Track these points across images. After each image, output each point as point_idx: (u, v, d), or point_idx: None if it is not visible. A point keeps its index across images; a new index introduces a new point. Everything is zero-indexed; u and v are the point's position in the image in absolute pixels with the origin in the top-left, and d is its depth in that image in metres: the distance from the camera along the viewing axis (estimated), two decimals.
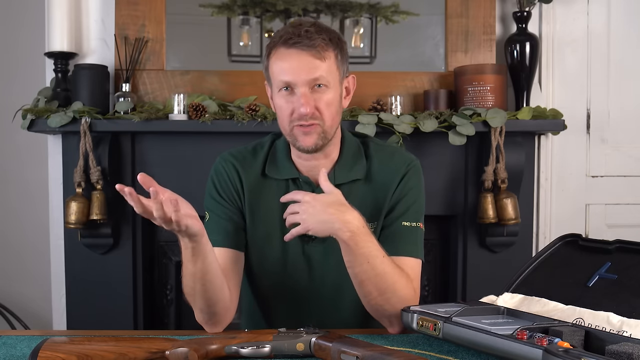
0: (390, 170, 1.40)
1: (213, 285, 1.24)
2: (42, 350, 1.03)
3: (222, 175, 1.41)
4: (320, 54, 1.28)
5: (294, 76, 1.28)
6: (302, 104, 1.27)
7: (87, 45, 2.36)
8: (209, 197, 1.42)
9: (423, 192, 1.42)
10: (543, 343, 0.95)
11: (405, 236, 1.36)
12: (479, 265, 2.33)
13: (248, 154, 1.44)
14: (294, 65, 1.27)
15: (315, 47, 1.27)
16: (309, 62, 1.27)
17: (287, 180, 1.40)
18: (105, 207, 2.17)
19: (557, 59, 2.46)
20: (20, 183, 2.88)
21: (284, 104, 1.31)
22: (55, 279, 2.40)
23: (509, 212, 2.20)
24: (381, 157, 1.42)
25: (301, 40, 1.26)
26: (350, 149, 1.41)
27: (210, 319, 1.29)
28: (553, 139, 2.44)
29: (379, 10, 2.39)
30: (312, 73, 1.27)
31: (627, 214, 2.50)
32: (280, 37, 1.29)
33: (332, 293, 1.42)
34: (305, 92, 1.28)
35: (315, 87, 1.29)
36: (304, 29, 1.27)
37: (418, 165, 1.43)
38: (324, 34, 1.29)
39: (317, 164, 1.37)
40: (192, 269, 1.20)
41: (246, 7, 2.37)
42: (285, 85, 1.29)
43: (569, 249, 1.34)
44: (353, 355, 1.02)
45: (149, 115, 2.16)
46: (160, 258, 2.42)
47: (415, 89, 2.34)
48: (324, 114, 1.30)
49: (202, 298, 1.24)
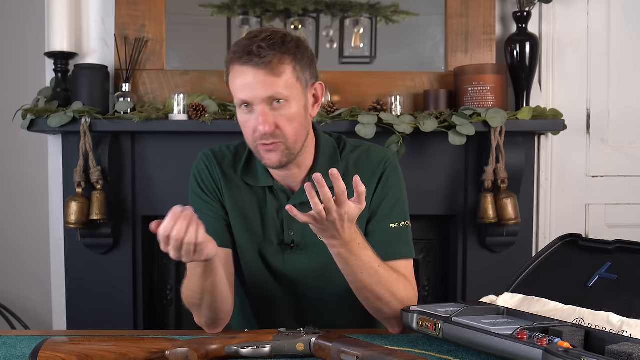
0: (368, 171, 1.37)
1: (222, 295, 1.24)
2: (42, 350, 1.03)
3: (204, 172, 1.40)
4: (274, 70, 1.22)
5: (250, 94, 1.24)
6: (261, 122, 1.23)
7: (87, 45, 2.36)
8: (193, 195, 1.40)
9: (404, 188, 1.40)
10: (543, 343, 0.95)
11: (395, 239, 1.34)
12: (479, 265, 2.33)
13: (229, 153, 1.41)
14: (249, 83, 1.23)
15: (267, 64, 1.21)
16: (263, 79, 1.22)
17: (264, 187, 1.38)
18: (105, 207, 2.17)
19: (557, 59, 2.46)
20: (21, 183, 2.88)
21: (245, 122, 1.28)
22: (55, 279, 2.40)
23: (509, 212, 2.20)
24: (356, 158, 1.39)
25: (252, 59, 1.21)
26: (325, 153, 1.38)
27: (213, 323, 1.29)
28: (553, 139, 2.44)
29: (379, 10, 2.39)
30: (267, 90, 1.23)
31: (627, 214, 2.49)
32: (234, 53, 1.25)
33: (314, 297, 1.40)
34: (264, 111, 1.23)
35: (273, 103, 1.24)
36: (255, 45, 1.22)
37: (395, 161, 1.40)
38: (277, 47, 1.23)
39: (290, 173, 1.35)
40: (202, 283, 1.19)
41: (246, 7, 2.37)
42: (243, 103, 1.26)
43: (569, 249, 1.34)
44: (353, 355, 1.02)
45: (149, 115, 2.16)
46: (160, 258, 2.42)
47: (415, 89, 2.34)
48: (285, 130, 1.26)
49: (209, 308, 1.24)
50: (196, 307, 1.26)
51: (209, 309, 1.25)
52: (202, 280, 1.19)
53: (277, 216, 1.37)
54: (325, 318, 1.38)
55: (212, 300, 1.23)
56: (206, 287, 1.20)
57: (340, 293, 1.35)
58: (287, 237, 1.37)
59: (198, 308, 1.26)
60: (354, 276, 1.22)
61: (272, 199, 1.38)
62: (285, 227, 1.37)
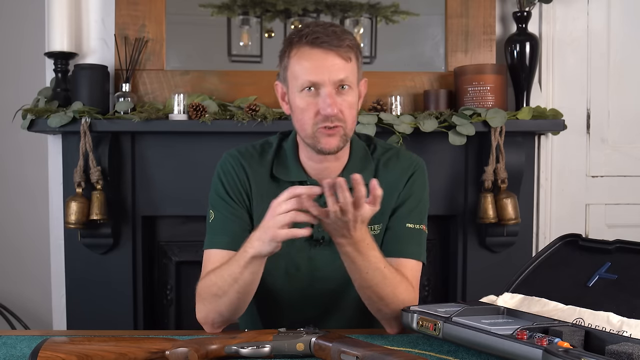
0: (397, 172, 1.39)
1: (247, 297, 1.25)
2: (42, 350, 1.03)
3: (229, 173, 1.38)
4: (347, 54, 1.26)
5: (321, 76, 1.25)
6: (329, 104, 1.24)
7: (87, 45, 2.36)
8: (215, 196, 1.39)
9: (427, 194, 1.42)
10: (543, 343, 0.95)
11: (409, 238, 1.35)
12: (479, 265, 2.33)
13: (256, 152, 1.41)
14: (321, 64, 1.24)
15: (342, 47, 1.25)
16: (336, 62, 1.25)
17: (294, 182, 1.37)
18: (105, 207, 2.17)
19: (557, 59, 2.46)
20: (20, 183, 2.88)
21: (306, 105, 1.27)
22: (55, 279, 2.40)
23: (509, 212, 2.20)
24: (387, 159, 1.41)
25: (329, 40, 1.24)
26: (358, 152, 1.40)
27: (222, 322, 1.29)
28: (553, 139, 2.44)
29: (379, 10, 2.39)
30: (339, 74, 1.25)
31: (627, 214, 2.50)
32: (305, 35, 1.25)
33: (335, 295, 1.41)
34: (332, 93, 1.25)
35: (339, 88, 1.26)
36: (330, 29, 1.25)
37: (424, 166, 1.43)
38: (348, 35, 1.27)
39: (327, 166, 1.36)
40: (237, 274, 1.20)
41: (246, 7, 2.37)
42: (310, 85, 1.26)
43: (569, 249, 1.34)
44: (353, 355, 1.02)
45: (149, 115, 2.16)
46: (160, 258, 2.42)
47: (415, 89, 2.34)
48: (346, 115, 1.28)
49: (228, 304, 1.24)
50: (215, 299, 1.25)
51: (227, 306, 1.24)
52: (239, 271, 1.19)
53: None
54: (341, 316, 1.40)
55: (237, 297, 1.23)
56: (239, 280, 1.20)
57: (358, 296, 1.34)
58: (316, 233, 1.36)
59: (217, 299, 1.24)
60: (359, 275, 1.22)
61: None
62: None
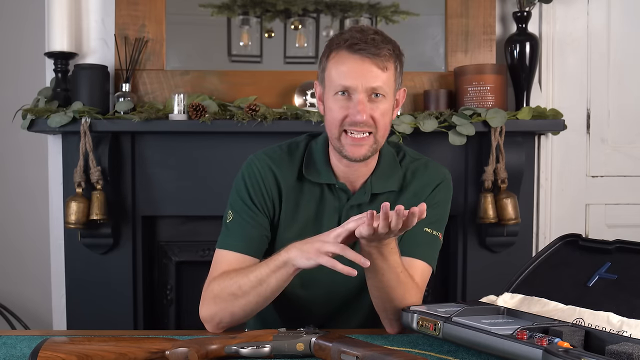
0: (423, 182, 1.40)
1: (266, 302, 1.25)
2: (42, 350, 1.03)
3: (255, 177, 1.37)
4: (383, 63, 1.26)
5: (354, 81, 1.26)
6: (359, 110, 1.26)
7: (87, 45, 2.36)
8: (237, 198, 1.37)
9: (449, 206, 1.43)
10: (543, 343, 0.95)
11: (424, 240, 1.36)
12: (479, 265, 2.33)
13: (284, 154, 1.40)
14: (356, 70, 1.26)
15: (379, 56, 1.26)
16: (371, 69, 1.26)
17: (323, 185, 1.37)
18: (105, 207, 2.17)
19: (557, 59, 2.46)
20: (20, 183, 2.88)
21: (337, 108, 1.29)
22: (55, 279, 2.40)
23: (509, 212, 2.20)
24: (415, 169, 1.42)
25: (367, 48, 1.25)
26: (387, 159, 1.40)
27: (229, 324, 1.29)
28: (553, 139, 2.44)
29: (379, 10, 2.39)
30: (373, 81, 1.26)
31: (627, 214, 2.49)
32: (345, 40, 1.26)
33: (352, 299, 1.42)
34: (363, 99, 1.27)
35: (372, 95, 1.27)
36: (370, 36, 1.26)
37: (449, 179, 1.44)
38: (390, 44, 1.28)
39: (355, 170, 1.36)
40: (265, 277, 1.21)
41: (246, 7, 2.37)
42: (343, 89, 1.27)
43: (569, 249, 1.34)
44: (353, 355, 1.02)
45: (149, 115, 2.16)
46: (160, 258, 2.42)
47: (415, 89, 2.34)
48: (378, 123, 1.29)
49: (245, 306, 1.24)
50: (232, 298, 1.24)
51: (243, 307, 1.25)
52: (269, 274, 1.20)
53: (335, 214, 1.38)
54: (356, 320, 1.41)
55: (256, 301, 1.23)
56: (264, 283, 1.21)
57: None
58: None
59: (234, 299, 1.24)
60: (376, 276, 1.23)
61: (331, 197, 1.38)
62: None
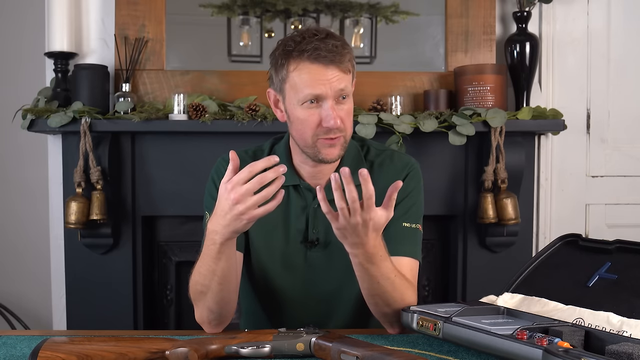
0: (391, 173, 1.40)
1: (230, 285, 1.25)
2: (42, 350, 1.03)
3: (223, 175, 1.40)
4: (345, 67, 1.28)
5: (323, 88, 1.27)
6: (332, 117, 1.27)
7: (87, 45, 2.36)
8: (209, 198, 1.40)
9: (422, 194, 1.43)
10: (543, 343, 0.95)
11: (405, 237, 1.36)
12: (479, 265, 2.33)
13: (248, 157, 1.42)
14: (322, 78, 1.27)
15: (343, 63, 1.27)
16: (336, 74, 1.27)
17: (288, 187, 1.38)
18: (105, 207, 2.17)
19: (557, 59, 2.46)
20: (20, 183, 2.88)
21: (307, 117, 1.29)
22: (55, 279, 2.40)
23: (509, 212, 2.20)
24: (381, 161, 1.43)
25: (329, 55, 1.26)
26: (350, 154, 1.41)
27: (215, 319, 1.29)
28: (553, 139, 2.44)
29: (379, 10, 2.39)
30: (338, 84, 1.28)
31: (627, 214, 2.50)
32: (305, 51, 1.26)
33: (332, 296, 1.42)
34: (333, 105, 1.28)
35: (339, 98, 1.29)
36: (331, 44, 1.26)
37: (417, 167, 1.44)
38: (347, 47, 1.30)
39: (321, 169, 1.38)
40: (213, 266, 1.20)
41: (246, 7, 2.37)
42: (313, 98, 1.28)
43: (569, 249, 1.34)
44: (353, 355, 1.02)
45: (149, 115, 2.16)
46: (160, 258, 2.42)
47: (415, 89, 2.34)
48: (346, 123, 1.31)
49: (214, 298, 1.25)
50: (202, 296, 1.26)
51: (214, 299, 1.25)
52: (214, 262, 1.20)
53: (302, 214, 1.39)
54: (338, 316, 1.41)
55: (220, 288, 1.23)
56: (217, 271, 1.21)
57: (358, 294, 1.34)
58: (311, 235, 1.39)
59: (204, 296, 1.25)
60: (370, 284, 1.23)
61: (297, 198, 1.40)
62: (310, 225, 1.39)
